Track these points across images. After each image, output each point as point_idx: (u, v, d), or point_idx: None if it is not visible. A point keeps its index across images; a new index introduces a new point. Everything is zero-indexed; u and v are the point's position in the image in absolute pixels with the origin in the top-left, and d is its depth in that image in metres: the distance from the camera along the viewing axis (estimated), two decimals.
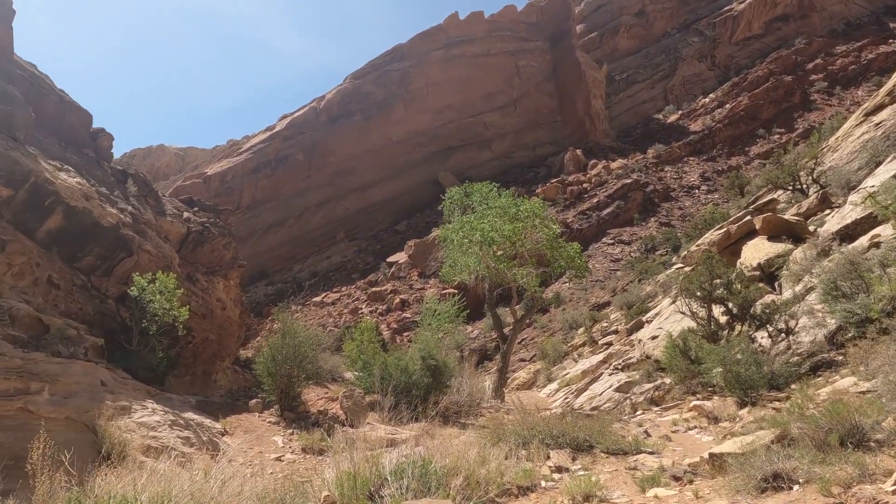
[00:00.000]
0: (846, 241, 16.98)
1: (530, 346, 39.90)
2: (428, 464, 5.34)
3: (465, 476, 5.45)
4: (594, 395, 21.00)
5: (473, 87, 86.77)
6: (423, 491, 5.05)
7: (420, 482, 5.10)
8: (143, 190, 15.27)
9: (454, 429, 13.20)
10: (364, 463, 5.35)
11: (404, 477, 5.10)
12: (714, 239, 23.00)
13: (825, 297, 11.79)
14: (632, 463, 8.10)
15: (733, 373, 11.39)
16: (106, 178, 14.23)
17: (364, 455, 5.52)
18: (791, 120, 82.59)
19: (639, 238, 62.07)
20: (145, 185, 15.63)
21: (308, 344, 12.71)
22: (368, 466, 5.35)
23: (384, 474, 5.25)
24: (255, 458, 9.49)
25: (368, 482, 5.19)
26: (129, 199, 14.39)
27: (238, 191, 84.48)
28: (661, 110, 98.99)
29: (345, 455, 5.50)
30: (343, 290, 71.05)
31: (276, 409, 12.54)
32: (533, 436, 8.71)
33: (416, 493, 5.00)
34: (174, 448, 8.44)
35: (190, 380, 14.57)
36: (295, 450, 10.02)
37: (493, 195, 21.65)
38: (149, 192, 15.57)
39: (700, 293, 14.59)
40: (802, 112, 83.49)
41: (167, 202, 16.13)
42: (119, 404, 8.88)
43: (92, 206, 12.23)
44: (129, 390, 9.88)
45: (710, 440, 9.74)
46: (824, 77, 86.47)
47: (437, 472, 5.27)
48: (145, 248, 13.65)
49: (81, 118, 15.10)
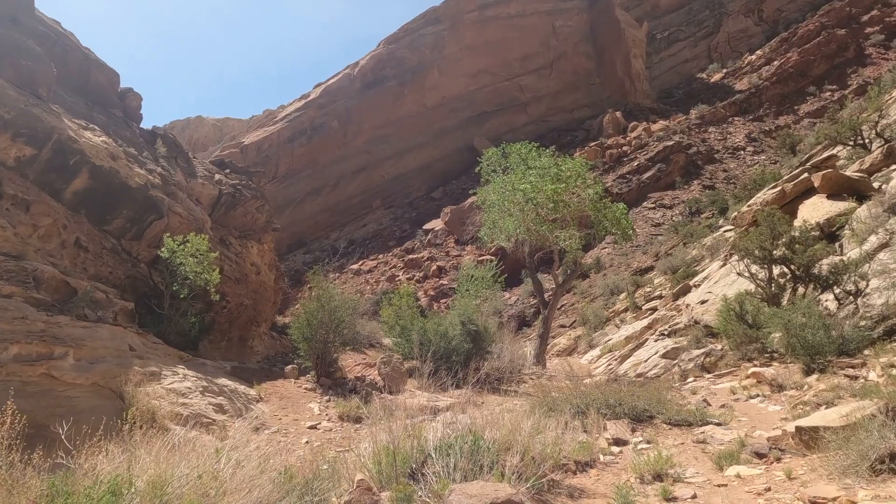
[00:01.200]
0: None
1: (570, 313, 39.15)
2: (479, 438, 4.76)
3: (520, 452, 4.88)
4: (639, 361, 20.27)
5: (509, 50, 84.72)
6: (473, 470, 4.46)
7: (470, 460, 4.52)
8: (172, 151, 14.87)
9: (496, 396, 12.71)
10: (405, 435, 4.80)
11: (451, 453, 4.52)
12: (767, 198, 21.75)
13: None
14: (699, 435, 7.41)
15: (799, 337, 10.55)
16: (134, 138, 13.88)
17: (404, 425, 4.96)
18: (844, 76, 78.57)
19: (681, 202, 60.31)
20: (175, 146, 15.22)
21: (344, 308, 12.25)
22: (409, 440, 4.80)
23: (427, 449, 4.68)
24: (290, 426, 9.16)
25: (410, 458, 4.64)
26: (158, 160, 14.01)
27: (274, 160, 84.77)
28: (704, 69, 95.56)
29: (382, 426, 4.95)
30: (380, 257, 71.12)
31: (312, 375, 12.19)
32: (588, 405, 8.07)
33: (466, 473, 4.40)
34: (205, 415, 8.12)
35: (226, 345, 14.32)
36: (331, 417, 9.65)
37: (533, 155, 20.78)
38: (179, 153, 15.16)
39: (760, 253, 13.64)
40: (856, 67, 79.35)
41: (198, 164, 15.74)
42: (148, 370, 8.58)
43: (119, 166, 11.85)
44: (159, 355, 9.59)
45: (777, 409, 8.99)
46: (881, 29, 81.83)
47: (488, 448, 4.68)
48: (176, 210, 13.28)
49: (109, 77, 14.69)
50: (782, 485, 5.38)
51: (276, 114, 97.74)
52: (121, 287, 11.73)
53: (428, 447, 4.74)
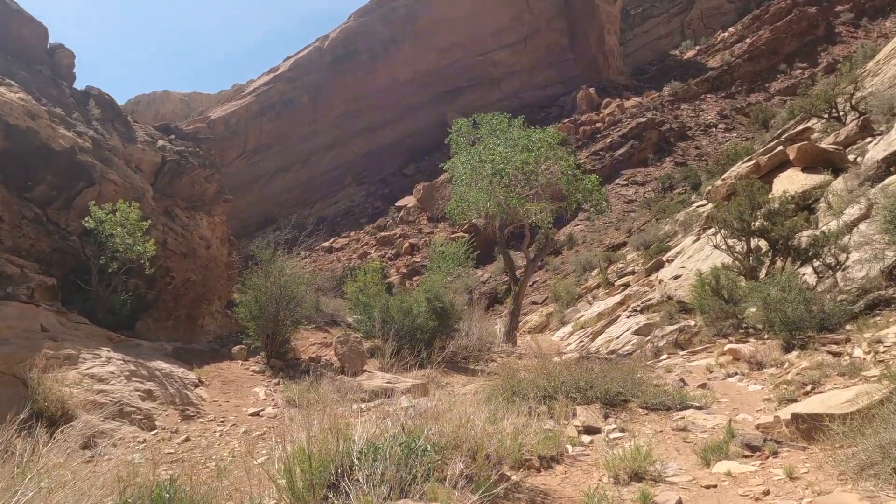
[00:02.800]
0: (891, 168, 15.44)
1: (542, 289, 38.76)
2: (414, 438, 3.98)
3: (472, 450, 4.17)
4: (611, 337, 19.85)
5: (482, 24, 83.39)
6: (405, 480, 3.66)
7: (402, 466, 3.74)
8: (108, 113, 13.70)
9: (462, 376, 12.07)
10: (328, 436, 3.99)
11: (379, 458, 3.76)
12: (742, 172, 21.34)
13: (886, 226, 10.31)
14: (678, 422, 6.74)
15: (778, 312, 10.04)
16: (63, 98, 12.70)
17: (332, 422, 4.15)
18: (814, 54, 78.85)
19: (654, 179, 60.30)
20: (112, 107, 14.04)
21: (297, 283, 11.34)
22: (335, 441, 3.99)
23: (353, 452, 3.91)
24: (230, 413, 8.33)
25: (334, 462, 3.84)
26: (91, 122, 12.87)
27: (243, 135, 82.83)
28: (677, 46, 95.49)
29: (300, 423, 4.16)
30: (351, 235, 70.35)
31: (262, 356, 11.31)
32: (556, 388, 7.36)
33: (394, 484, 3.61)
34: (129, 403, 7.29)
35: (172, 325, 13.37)
36: (277, 403, 8.85)
37: (504, 126, 19.98)
38: (116, 115, 13.98)
39: (738, 224, 13.12)
40: (827, 45, 79.67)
41: (139, 128, 14.57)
42: (63, 353, 7.68)
43: (39, 126, 10.70)
44: (80, 337, 8.66)
45: (758, 389, 8.45)
46: (850, 7, 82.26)
47: (426, 449, 3.91)
48: (109, 177, 12.16)
49: (34, 31, 13.37)
50: (783, 487, 4.55)
51: (244, 88, 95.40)
52: (46, 261, 10.70)
53: (353, 450, 3.94)
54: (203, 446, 7.05)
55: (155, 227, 12.92)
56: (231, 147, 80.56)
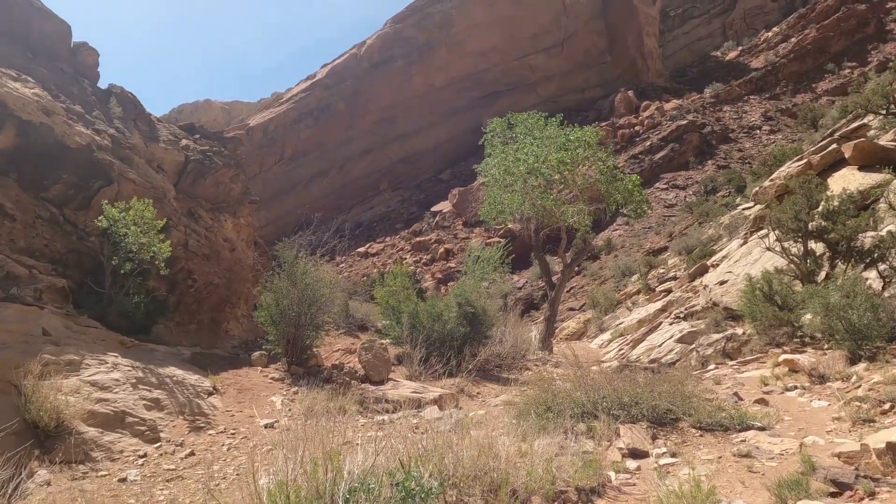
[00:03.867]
0: None
1: (580, 295, 37.79)
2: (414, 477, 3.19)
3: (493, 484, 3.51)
4: (653, 346, 18.95)
5: (518, 28, 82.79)
6: None
7: None
8: (130, 112, 13.38)
9: (494, 385, 11.42)
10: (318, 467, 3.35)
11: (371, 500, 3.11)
12: (792, 172, 20.22)
13: None
14: (739, 445, 5.87)
15: (843, 320, 9.15)
16: (84, 96, 12.45)
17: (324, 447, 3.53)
18: (864, 52, 76.11)
19: (695, 182, 58.71)
20: (134, 106, 13.74)
21: (319, 286, 10.85)
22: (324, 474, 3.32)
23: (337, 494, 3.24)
24: (242, 424, 7.79)
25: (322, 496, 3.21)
26: (111, 120, 12.58)
27: (280, 142, 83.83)
28: (719, 47, 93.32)
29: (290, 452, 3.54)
30: (387, 240, 70.44)
31: (282, 363, 10.84)
32: (595, 404, 6.64)
33: None
34: (132, 413, 6.84)
35: (195, 329, 13.02)
36: (294, 413, 8.29)
37: (540, 125, 19.27)
38: (138, 114, 13.67)
39: (794, 224, 12.19)
40: (877, 43, 76.87)
41: (162, 127, 14.28)
42: (65, 358, 7.26)
43: (53, 122, 10.37)
44: (87, 341, 8.26)
45: (824, 406, 7.61)
46: None
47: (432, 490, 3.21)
48: (128, 176, 11.79)
49: (57, 28, 13.16)
50: None
51: (282, 96, 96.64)
52: (61, 262, 10.39)
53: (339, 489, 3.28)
54: (208, 461, 6.56)
55: (176, 227, 12.59)
56: (269, 154, 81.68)
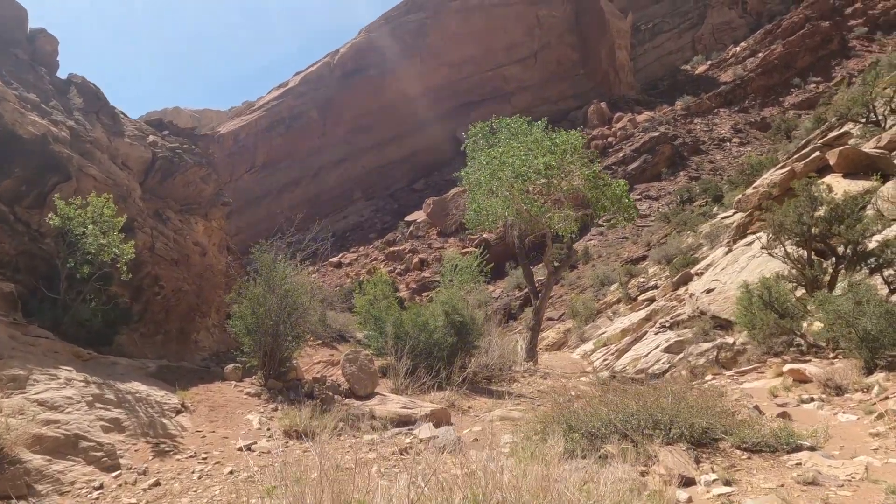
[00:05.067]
0: None
1: (559, 305, 37.47)
2: None
3: None
4: (639, 356, 18.57)
5: (492, 39, 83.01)
6: None
7: None
8: (92, 104, 12.41)
9: (485, 398, 10.81)
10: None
11: None
12: (775, 179, 20.13)
13: None
14: (797, 469, 5.33)
15: (859, 329, 8.77)
16: (41, 84, 11.47)
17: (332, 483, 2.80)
18: (828, 68, 78.18)
19: (667, 193, 59.31)
20: (96, 98, 12.77)
21: (299, 293, 10.06)
22: None
23: None
24: (216, 447, 6.98)
25: None
26: (71, 112, 11.66)
27: (252, 150, 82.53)
28: (688, 61, 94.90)
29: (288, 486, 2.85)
30: (360, 250, 69.72)
31: (258, 376, 9.99)
32: (626, 422, 5.91)
33: None
34: (87, 437, 6.02)
35: (162, 340, 12.10)
36: (274, 433, 7.51)
37: (524, 129, 18.85)
38: (101, 106, 12.68)
39: (797, 228, 11.86)
40: (841, 59, 79.04)
41: (128, 122, 13.34)
42: (7, 373, 6.36)
43: (3, 109, 9.44)
44: (37, 353, 7.36)
45: (852, 419, 7.15)
46: (864, 22, 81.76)
47: None
48: (89, 171, 10.81)
49: (13, 13, 12.16)
50: None
51: (254, 104, 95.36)
52: (11, 266, 9.35)
53: None
54: (175, 492, 5.71)
55: (142, 229, 11.73)
56: (240, 162, 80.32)
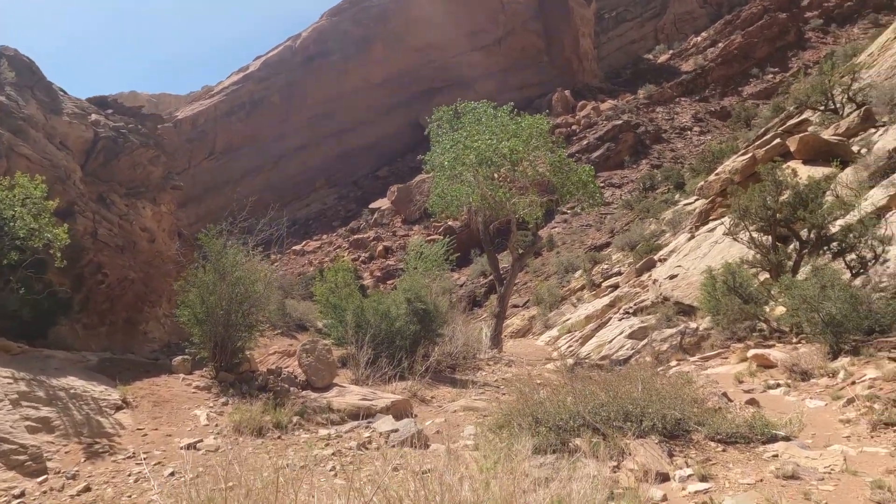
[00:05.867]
0: None
1: (523, 292, 37.46)
2: None
3: None
4: (603, 342, 18.55)
5: (456, 25, 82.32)
6: None
7: None
8: (26, 78, 11.60)
9: (448, 388, 10.55)
10: None
11: None
12: (737, 166, 20.27)
13: None
14: (775, 462, 5.09)
15: (824, 313, 8.72)
16: None
17: None
18: (785, 59, 79.70)
19: (630, 181, 59.87)
20: (31, 72, 11.90)
21: (251, 280, 9.41)
22: None
23: None
24: (157, 446, 6.51)
25: None
26: (2, 87, 10.93)
27: (211, 136, 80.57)
28: (651, 50, 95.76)
29: None
30: (324, 237, 68.95)
31: (209, 369, 9.40)
32: (595, 414, 5.57)
33: None
34: (9, 439, 5.51)
35: (107, 331, 11.47)
36: (223, 429, 7.03)
37: (489, 114, 18.53)
38: (37, 82, 11.83)
39: (762, 213, 11.81)
40: (797, 51, 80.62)
41: (67, 99, 12.51)
42: None
43: None
44: None
45: (820, 405, 7.07)
46: (819, 14, 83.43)
47: None
48: (21, 150, 10.10)
49: None
50: None
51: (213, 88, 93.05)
52: None
53: None
54: (107, 499, 5.17)
55: (83, 213, 11.10)
56: (199, 148, 78.40)
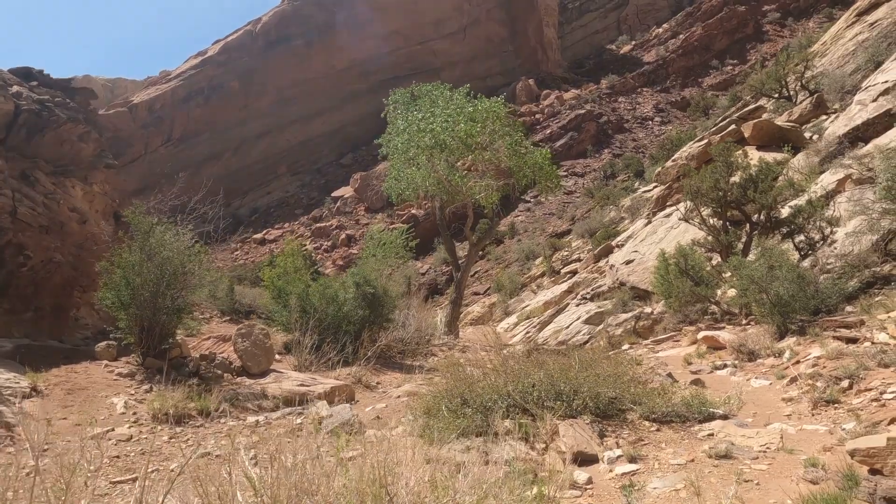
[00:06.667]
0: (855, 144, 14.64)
1: (485, 279, 37.36)
2: None
3: None
4: (560, 327, 18.46)
5: (421, 13, 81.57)
6: None
7: None
8: None
9: (397, 373, 10.25)
10: None
11: None
12: (693, 152, 20.33)
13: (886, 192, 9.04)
14: (709, 441, 4.87)
15: (773, 294, 8.62)
16: None
17: None
18: (744, 51, 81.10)
19: (593, 170, 60.35)
20: None
21: (180, 259, 8.82)
22: None
23: None
24: (63, 436, 5.97)
25: None
26: None
27: (168, 121, 78.54)
28: (614, 41, 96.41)
29: None
30: (286, 226, 68.02)
31: (136, 355, 8.88)
32: (525, 394, 5.36)
33: None
34: None
35: (33, 317, 10.82)
36: (140, 417, 6.63)
37: (445, 96, 18.14)
38: None
39: (714, 194, 11.71)
40: (755, 43, 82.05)
41: None
42: None
43: None
44: None
45: (765, 384, 6.97)
46: (777, 7, 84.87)
47: None
48: None
49: None
50: None
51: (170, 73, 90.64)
52: None
53: None
54: None
55: (0, 191, 10.47)
56: (156, 134, 76.41)
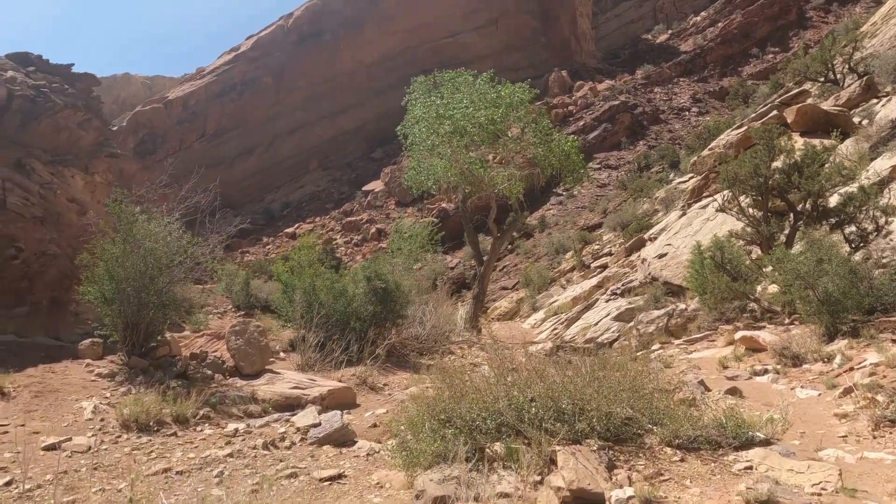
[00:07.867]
0: None
1: (513, 274, 36.56)
2: None
3: None
4: (588, 324, 17.66)
5: (449, 4, 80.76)
6: None
7: None
8: None
9: (407, 373, 9.64)
10: None
11: None
12: (732, 140, 19.26)
13: None
14: (747, 477, 3.97)
15: (821, 290, 7.73)
16: None
17: None
18: (786, 38, 78.42)
19: (627, 162, 58.97)
20: None
21: (167, 252, 8.23)
22: None
23: None
24: (15, 446, 5.38)
25: None
26: None
27: (202, 117, 79.42)
28: (650, 30, 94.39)
29: None
30: (317, 220, 68.23)
31: (121, 353, 8.29)
32: (520, 412, 4.45)
33: None
34: None
35: (28, 312, 10.50)
36: (107, 425, 6.07)
37: (468, 83, 17.40)
38: None
39: (754, 181, 10.74)
40: (798, 30, 79.34)
41: None
42: None
43: None
44: None
45: (813, 395, 6.13)
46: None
47: None
48: None
49: None
50: None
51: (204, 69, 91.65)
52: None
53: None
54: None
55: None
56: (190, 130, 77.35)
